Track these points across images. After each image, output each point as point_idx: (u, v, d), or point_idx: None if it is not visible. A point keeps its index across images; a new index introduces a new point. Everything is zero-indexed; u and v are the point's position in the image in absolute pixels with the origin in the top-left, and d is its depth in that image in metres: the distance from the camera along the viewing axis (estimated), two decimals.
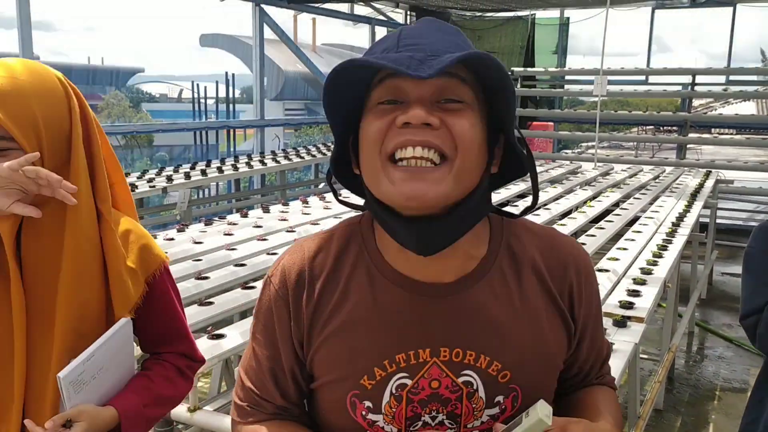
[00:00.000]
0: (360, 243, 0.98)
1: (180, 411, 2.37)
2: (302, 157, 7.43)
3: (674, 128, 10.55)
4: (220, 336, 2.51)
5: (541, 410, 0.88)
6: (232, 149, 10.53)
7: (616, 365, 2.30)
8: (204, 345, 2.39)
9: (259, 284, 3.17)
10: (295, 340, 0.97)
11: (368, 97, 0.90)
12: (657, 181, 6.68)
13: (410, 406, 0.93)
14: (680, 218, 4.71)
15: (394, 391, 0.93)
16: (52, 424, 1.14)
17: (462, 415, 0.94)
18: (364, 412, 0.94)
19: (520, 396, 0.95)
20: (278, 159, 7.15)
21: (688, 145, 9.88)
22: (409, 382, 0.93)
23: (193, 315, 2.73)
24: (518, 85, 10.03)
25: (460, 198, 0.87)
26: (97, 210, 1.25)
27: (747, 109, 15.55)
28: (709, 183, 6.42)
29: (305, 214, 4.70)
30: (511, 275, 0.96)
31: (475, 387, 0.93)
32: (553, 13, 11.29)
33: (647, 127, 14.61)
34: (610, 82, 8.64)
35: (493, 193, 1.03)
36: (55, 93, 1.20)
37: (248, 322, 2.69)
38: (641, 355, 4.53)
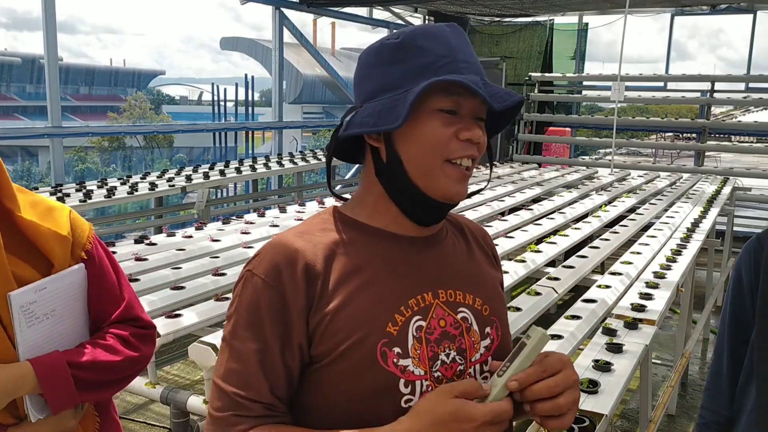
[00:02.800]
0: (343, 222, 1.09)
1: (195, 402, 2.42)
2: (319, 159, 7.49)
3: (693, 136, 10.48)
4: None
5: (540, 329, 0.99)
6: (250, 151, 10.62)
7: (626, 366, 2.32)
8: (219, 339, 2.44)
9: None
10: (293, 325, 0.99)
11: (426, 97, 1.01)
12: (673, 187, 6.66)
13: (429, 346, 1.02)
14: (695, 224, 4.71)
15: (414, 333, 1.02)
16: None
17: (467, 349, 1.05)
18: (395, 360, 0.99)
19: (499, 326, 1.11)
20: (295, 161, 7.22)
21: (707, 153, 9.82)
22: (423, 323, 1.03)
23: (209, 310, 2.79)
24: (536, 90, 10.03)
25: None
26: (6, 208, 1.27)
27: (767, 116, 15.38)
28: (726, 190, 6.39)
29: None
30: (458, 236, 1.17)
31: (470, 322, 1.07)
32: (572, 19, 11.26)
33: (666, 135, 14.53)
34: (628, 89, 8.62)
35: (508, 198, 1.21)
36: None
37: None
38: (655, 361, 4.52)
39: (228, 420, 0.97)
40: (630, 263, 3.68)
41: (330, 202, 5.21)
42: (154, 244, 3.79)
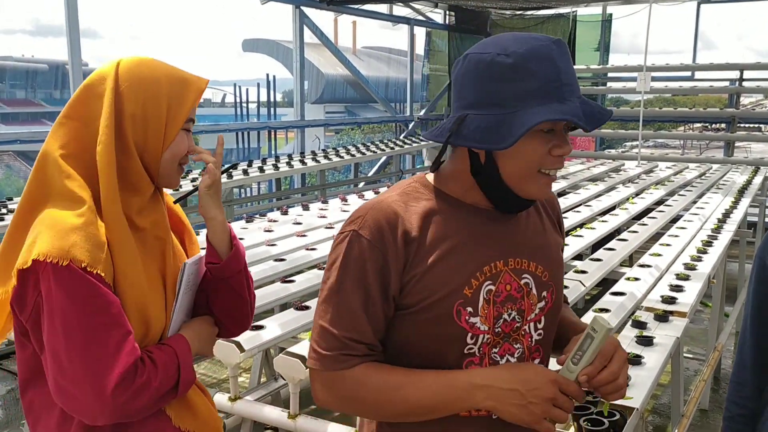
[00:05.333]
0: (434, 193, 1.23)
1: (221, 399, 2.42)
2: (342, 157, 7.49)
3: (722, 126, 10.27)
4: (260, 327, 2.55)
5: (604, 321, 1.11)
6: (273, 151, 10.66)
7: (657, 359, 2.26)
8: (244, 336, 2.44)
9: (299, 278, 3.21)
10: (391, 280, 1.17)
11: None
12: (703, 178, 6.53)
13: (495, 306, 1.19)
14: (726, 215, 4.60)
15: (485, 296, 1.18)
16: None
17: (525, 310, 1.22)
18: (467, 317, 1.17)
19: (555, 289, 1.26)
20: (318, 159, 7.22)
21: (736, 143, 9.61)
22: (493, 287, 1.19)
23: None
24: None
25: None
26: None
27: None
28: (758, 180, 6.24)
29: (344, 211, 4.74)
30: (533, 209, 1.30)
31: (530, 287, 1.23)
32: (596, 10, 11.11)
33: (693, 126, 14.27)
34: (654, 79, 8.48)
35: None
36: None
37: (287, 314, 2.73)
38: (686, 355, 4.43)
39: (337, 358, 1.16)
40: (659, 255, 3.60)
41: (352, 199, 5.20)
42: None
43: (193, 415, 1.39)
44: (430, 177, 1.27)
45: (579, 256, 4.03)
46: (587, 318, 2.67)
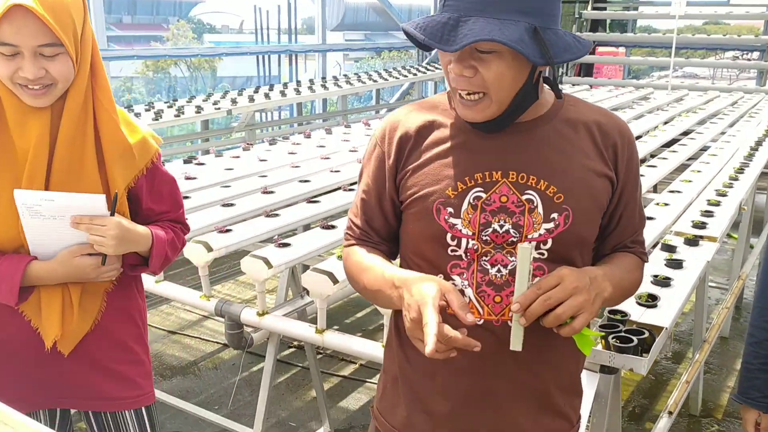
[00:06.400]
0: (446, 106, 1.30)
1: (249, 315, 2.46)
2: (364, 83, 7.36)
3: (754, 56, 9.91)
4: (287, 245, 2.56)
5: (523, 245, 1.13)
6: (294, 77, 10.50)
7: (686, 282, 2.25)
8: (271, 253, 2.45)
9: (324, 198, 3.21)
10: (393, 175, 1.29)
11: None
12: (734, 106, 6.35)
13: (483, 214, 1.21)
14: (759, 143, 4.49)
15: (471, 201, 1.21)
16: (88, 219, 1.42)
17: (524, 226, 1.21)
18: (446, 217, 1.22)
19: (572, 216, 1.21)
20: (340, 84, 7.11)
21: None
22: (483, 195, 1.21)
23: (260, 226, 2.80)
24: (588, 8, 9.56)
25: (506, 106, 1.19)
26: (97, 98, 1.45)
27: None
28: None
29: (367, 135, 4.69)
30: (566, 130, 1.25)
31: (535, 204, 1.21)
32: None
33: (725, 55, 13.80)
34: (689, 4, 8.14)
35: None
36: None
37: (314, 233, 2.74)
38: (709, 284, 4.42)
39: (346, 236, 1.39)
40: (690, 181, 3.54)
41: (375, 124, 5.13)
42: (202, 164, 3.80)
43: (39, 311, 1.49)
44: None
45: None
46: None
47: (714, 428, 3.28)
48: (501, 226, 1.20)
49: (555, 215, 1.20)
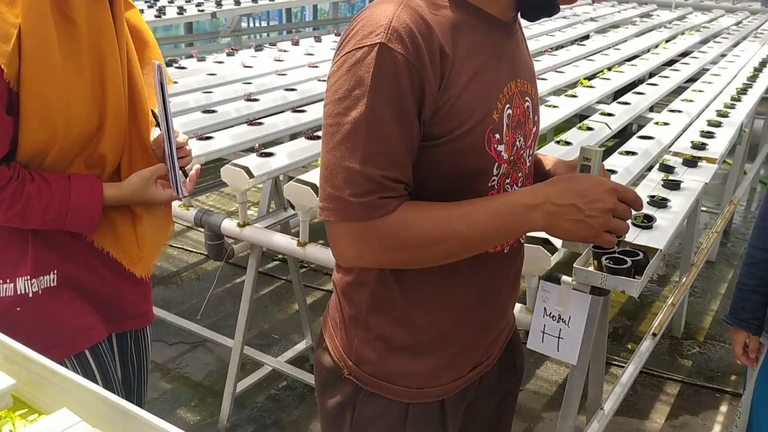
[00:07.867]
0: (453, 2, 1.02)
1: (229, 225, 2.37)
2: None
3: None
4: (270, 154, 2.45)
5: (592, 147, 1.11)
6: None
7: (683, 203, 2.17)
8: (254, 162, 2.34)
9: (310, 108, 3.06)
10: (425, 104, 0.96)
11: None
12: (739, 26, 6.13)
13: (512, 132, 1.07)
14: (763, 64, 4.34)
15: (507, 121, 1.05)
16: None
17: (527, 135, 1.13)
18: (495, 145, 1.04)
19: (538, 117, 1.18)
20: None
21: None
22: (511, 111, 1.06)
23: (242, 134, 2.67)
24: None
25: None
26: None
27: None
28: None
29: None
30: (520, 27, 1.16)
31: (530, 111, 1.13)
32: None
33: None
34: None
35: (558, 33, 2.48)
36: None
37: (298, 143, 2.61)
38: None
39: (375, 203, 0.95)
40: (691, 101, 3.41)
41: None
42: (183, 68, 3.61)
43: (115, 238, 1.45)
44: None
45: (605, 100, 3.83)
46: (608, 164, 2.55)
47: (695, 350, 3.30)
48: (519, 142, 1.09)
49: (536, 117, 1.17)
